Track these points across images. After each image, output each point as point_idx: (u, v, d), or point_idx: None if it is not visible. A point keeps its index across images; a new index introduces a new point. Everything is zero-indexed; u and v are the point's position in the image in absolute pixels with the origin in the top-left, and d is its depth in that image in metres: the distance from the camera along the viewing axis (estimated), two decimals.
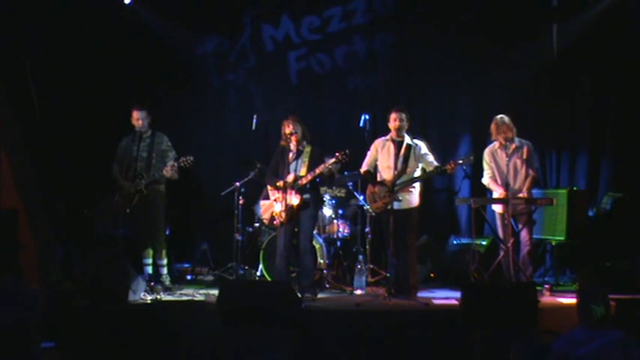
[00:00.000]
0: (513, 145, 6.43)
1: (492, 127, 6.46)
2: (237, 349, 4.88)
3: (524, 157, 6.41)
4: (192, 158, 6.55)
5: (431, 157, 6.29)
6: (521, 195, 6.33)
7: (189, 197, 8.33)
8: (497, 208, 6.51)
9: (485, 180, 6.58)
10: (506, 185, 6.31)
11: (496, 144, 6.50)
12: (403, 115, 6.27)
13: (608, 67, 7.65)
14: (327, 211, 7.19)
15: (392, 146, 6.30)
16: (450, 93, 8.21)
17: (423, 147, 6.32)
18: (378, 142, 6.45)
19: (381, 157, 6.37)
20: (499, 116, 6.45)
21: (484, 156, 6.58)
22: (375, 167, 6.45)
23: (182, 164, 6.53)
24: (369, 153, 6.48)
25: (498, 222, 6.49)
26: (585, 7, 7.71)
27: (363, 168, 6.50)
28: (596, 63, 7.71)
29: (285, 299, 5.11)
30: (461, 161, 6.31)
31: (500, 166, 6.41)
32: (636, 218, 6.97)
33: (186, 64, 8.57)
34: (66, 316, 5.38)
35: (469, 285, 5.86)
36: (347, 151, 5.91)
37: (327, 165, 5.98)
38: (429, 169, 6.23)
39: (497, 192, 6.44)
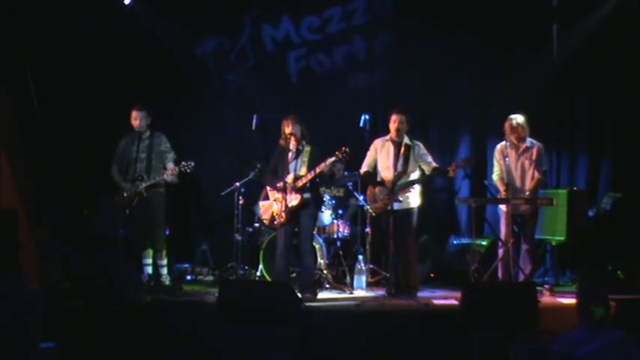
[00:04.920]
0: (524, 145, 6.42)
1: (506, 126, 6.42)
2: (237, 349, 4.88)
3: (534, 158, 6.39)
4: (192, 163, 6.49)
5: (429, 158, 6.29)
6: (522, 196, 6.32)
7: (189, 197, 8.33)
8: (503, 207, 6.49)
9: (494, 177, 6.57)
10: (510, 185, 6.30)
11: (507, 142, 6.49)
12: (403, 118, 6.26)
13: (608, 68, 7.65)
14: (327, 211, 7.18)
15: (391, 146, 6.30)
16: (450, 94, 8.20)
17: (422, 147, 6.32)
18: (377, 143, 6.45)
19: (380, 157, 6.37)
20: (514, 116, 6.43)
21: (494, 153, 6.57)
22: (375, 167, 6.45)
23: (183, 169, 6.50)
24: (368, 153, 6.47)
25: (502, 220, 6.48)
26: (586, 9, 7.71)
27: (363, 169, 6.50)
28: (597, 63, 7.70)
29: (285, 299, 5.10)
30: (463, 164, 6.31)
31: (509, 165, 6.40)
32: (636, 218, 6.97)
33: (187, 65, 8.57)
34: (66, 316, 5.37)
35: (469, 285, 5.85)
36: (346, 149, 5.91)
37: (327, 164, 5.98)
38: (428, 169, 6.23)
39: (501, 191, 6.44)
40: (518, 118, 6.41)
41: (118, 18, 7.92)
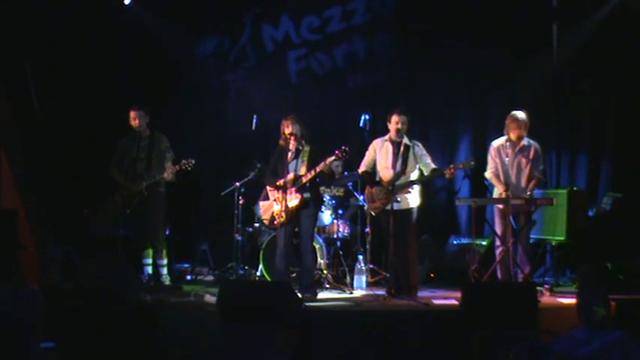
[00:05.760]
0: (521, 143, 6.40)
1: (511, 121, 6.39)
2: (237, 350, 4.88)
3: (531, 156, 6.38)
4: (193, 161, 6.51)
5: (428, 159, 6.29)
6: (521, 195, 6.32)
7: (189, 197, 8.33)
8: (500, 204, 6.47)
9: (488, 174, 6.56)
10: (507, 184, 6.30)
11: (503, 139, 6.47)
12: (404, 119, 6.25)
13: (608, 68, 7.65)
14: (327, 211, 7.18)
15: (390, 147, 6.30)
16: (450, 93, 8.21)
17: (421, 147, 6.32)
18: (376, 143, 6.45)
19: (379, 157, 6.37)
20: (517, 112, 6.40)
21: (490, 150, 6.56)
22: (374, 167, 6.45)
23: (183, 167, 6.52)
24: (367, 153, 6.47)
25: (497, 218, 6.47)
26: (586, 9, 7.71)
27: (362, 168, 6.50)
28: (597, 64, 7.71)
29: (285, 299, 5.10)
30: (461, 165, 6.31)
31: (505, 163, 6.38)
32: (636, 218, 6.97)
33: (187, 65, 8.58)
34: (66, 316, 5.37)
35: (469, 285, 5.86)
36: (346, 148, 5.91)
37: (326, 163, 5.98)
38: (427, 171, 6.23)
39: (498, 188, 6.41)
40: (522, 114, 6.40)
41: (118, 18, 7.92)
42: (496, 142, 6.51)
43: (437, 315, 5.56)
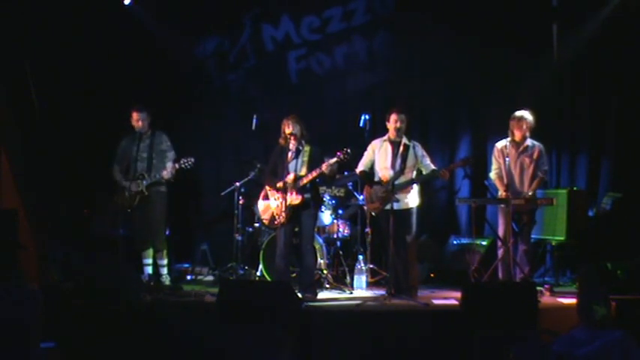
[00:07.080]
0: (525, 144, 6.41)
1: (512, 122, 6.40)
2: (237, 349, 4.88)
3: (535, 157, 6.39)
4: (192, 160, 6.54)
5: (428, 160, 6.29)
6: (523, 195, 6.32)
7: (189, 197, 8.33)
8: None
9: (492, 175, 6.57)
10: (509, 185, 6.29)
11: (507, 140, 6.46)
12: (403, 117, 6.26)
13: (608, 68, 7.65)
14: (327, 211, 7.18)
15: (390, 147, 6.30)
16: (450, 94, 8.20)
17: (420, 148, 6.32)
18: (375, 143, 6.45)
19: (378, 157, 6.37)
20: (522, 112, 6.40)
21: (493, 151, 6.58)
22: (372, 168, 6.45)
23: (183, 165, 6.53)
24: (365, 154, 6.47)
25: (500, 218, 6.47)
26: (586, 9, 7.71)
27: (360, 168, 6.50)
28: (597, 64, 7.71)
29: (285, 299, 5.10)
30: (460, 163, 6.30)
31: (508, 163, 6.38)
32: (636, 218, 6.97)
33: (187, 64, 8.57)
34: (66, 316, 5.37)
35: (469, 285, 5.86)
36: (348, 150, 5.92)
37: (328, 164, 5.98)
38: (426, 172, 6.23)
39: (499, 189, 6.42)
40: (527, 115, 6.39)
41: (118, 18, 7.91)
42: (499, 144, 6.53)
43: (437, 315, 5.57)
